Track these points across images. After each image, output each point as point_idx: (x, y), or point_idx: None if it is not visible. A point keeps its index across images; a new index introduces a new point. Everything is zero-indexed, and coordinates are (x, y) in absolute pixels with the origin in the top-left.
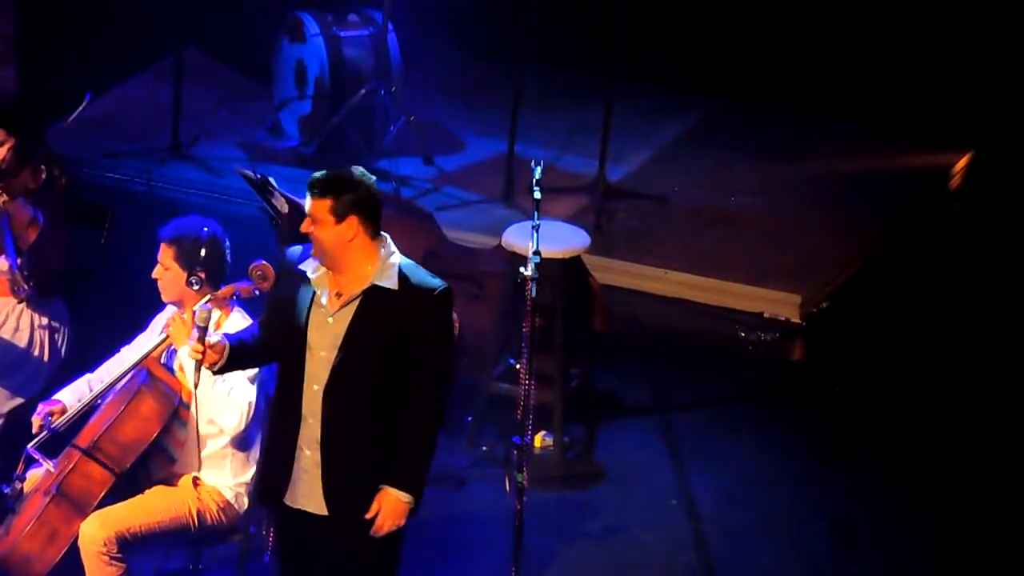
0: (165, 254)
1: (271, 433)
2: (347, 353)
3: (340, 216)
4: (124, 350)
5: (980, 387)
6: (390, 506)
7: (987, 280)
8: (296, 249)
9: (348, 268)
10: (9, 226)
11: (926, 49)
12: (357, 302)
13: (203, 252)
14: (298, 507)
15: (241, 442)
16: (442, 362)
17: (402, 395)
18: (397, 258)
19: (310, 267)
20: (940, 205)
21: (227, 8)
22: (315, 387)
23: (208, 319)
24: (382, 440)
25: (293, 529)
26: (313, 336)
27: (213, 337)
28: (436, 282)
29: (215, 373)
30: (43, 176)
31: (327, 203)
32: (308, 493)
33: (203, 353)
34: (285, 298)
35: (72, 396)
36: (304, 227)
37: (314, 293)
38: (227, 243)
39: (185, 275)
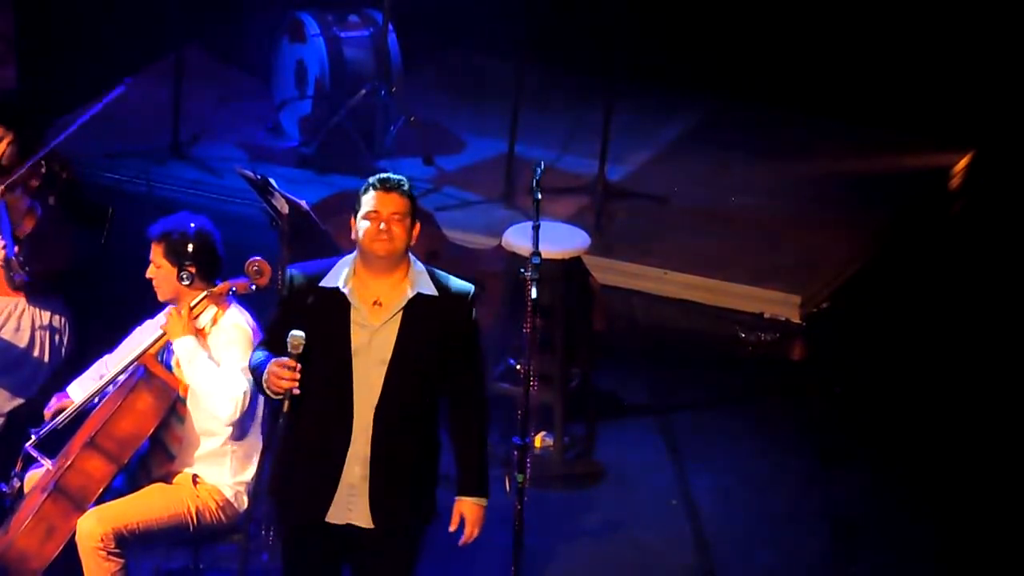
0: (155, 252)
1: (306, 450)
2: (398, 364)
3: (414, 218)
4: (142, 327)
5: (980, 387)
6: (475, 514)
7: (987, 280)
8: (321, 261)
9: (395, 272)
10: (7, 215)
11: (926, 49)
12: (401, 312)
13: (191, 246)
14: (346, 523)
15: (240, 439)
16: (481, 365)
17: (438, 401)
18: (420, 265)
19: (338, 281)
20: (940, 205)
21: (227, 8)
22: (366, 402)
23: (302, 346)
24: (426, 449)
25: (327, 546)
26: (359, 350)
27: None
28: (467, 285)
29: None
30: (43, 171)
31: (410, 203)
32: (359, 508)
33: (297, 380)
34: (309, 316)
35: (82, 391)
36: (389, 218)
37: (348, 307)
38: (217, 237)
39: (176, 271)
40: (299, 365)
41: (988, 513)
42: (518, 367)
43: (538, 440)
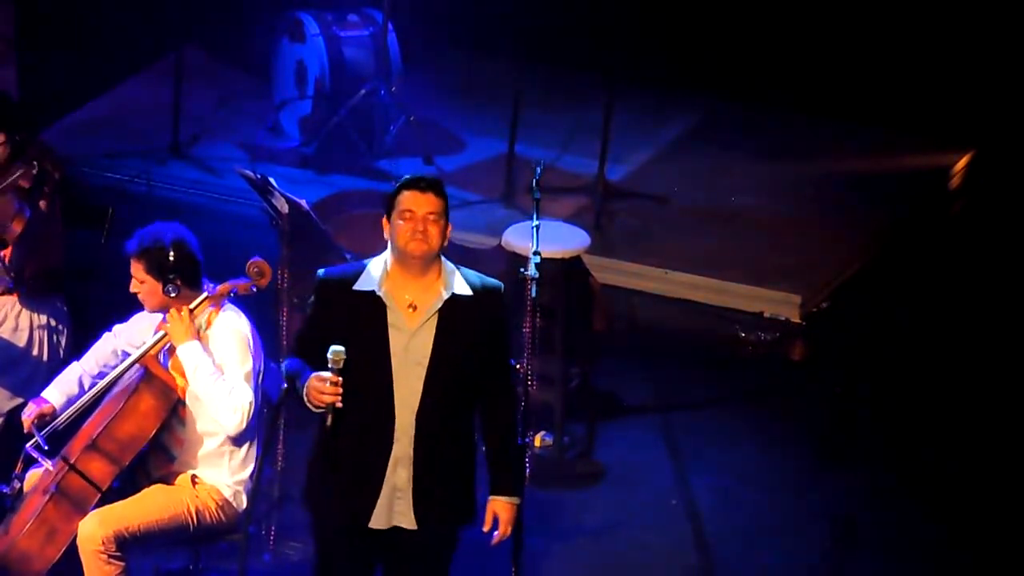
0: (136, 268)
1: (347, 455)
2: (437, 367)
3: (447, 217)
4: (113, 332)
5: (980, 386)
6: (508, 513)
7: (987, 280)
8: (351, 264)
9: (429, 273)
10: None
11: (926, 49)
12: (436, 315)
13: (171, 257)
14: (391, 526)
15: (239, 440)
16: (510, 362)
17: (474, 400)
18: (451, 264)
19: (371, 283)
20: (940, 205)
21: (227, 8)
22: (406, 404)
23: (342, 360)
24: (465, 448)
25: (365, 550)
26: (396, 353)
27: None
28: (497, 282)
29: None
30: (35, 171)
31: (444, 203)
32: (405, 510)
33: (340, 394)
34: (344, 320)
35: (60, 394)
36: (424, 218)
37: (383, 309)
38: (194, 242)
39: (160, 285)
40: (340, 379)
41: (988, 513)
42: (518, 367)
43: (538, 440)
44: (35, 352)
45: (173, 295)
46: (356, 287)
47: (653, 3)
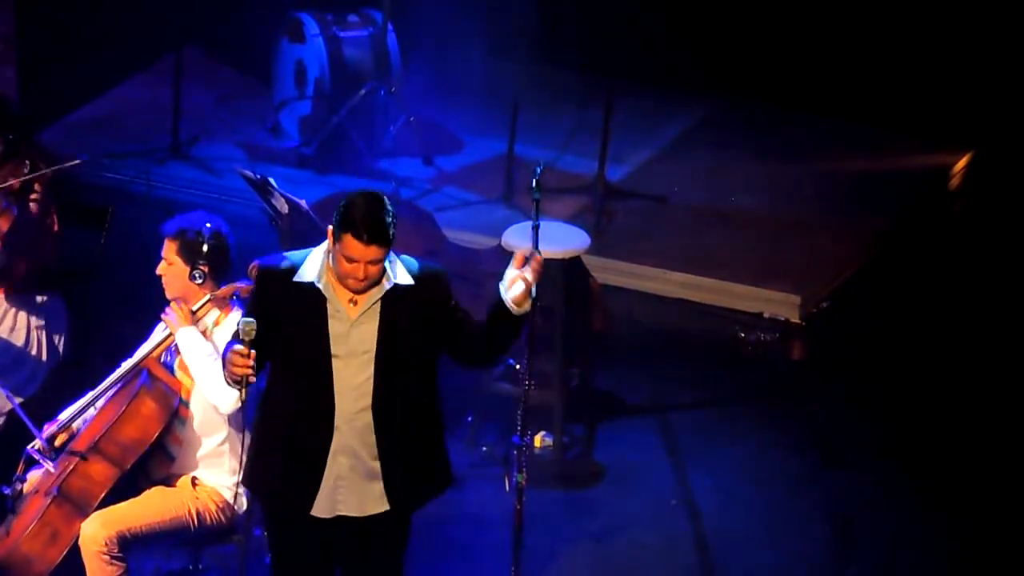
0: (168, 249)
1: (288, 445)
2: (386, 355)
3: (389, 250)
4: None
5: (980, 386)
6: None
7: (987, 280)
8: (292, 254)
9: None
10: None
11: (926, 49)
12: (379, 303)
13: (206, 246)
14: (335, 515)
15: (238, 439)
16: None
17: (432, 386)
18: (391, 254)
19: (311, 274)
20: (940, 205)
21: (227, 8)
22: (349, 395)
23: (253, 332)
24: (426, 432)
25: (316, 540)
26: (337, 345)
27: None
28: (439, 266)
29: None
30: (26, 171)
31: (387, 248)
32: (346, 499)
33: (251, 367)
34: (283, 309)
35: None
36: (365, 266)
37: (323, 301)
38: (232, 239)
39: (188, 269)
40: (252, 352)
41: (989, 512)
42: (518, 367)
43: (538, 440)
44: (34, 352)
45: (199, 282)
46: (296, 279)
47: (653, 3)
